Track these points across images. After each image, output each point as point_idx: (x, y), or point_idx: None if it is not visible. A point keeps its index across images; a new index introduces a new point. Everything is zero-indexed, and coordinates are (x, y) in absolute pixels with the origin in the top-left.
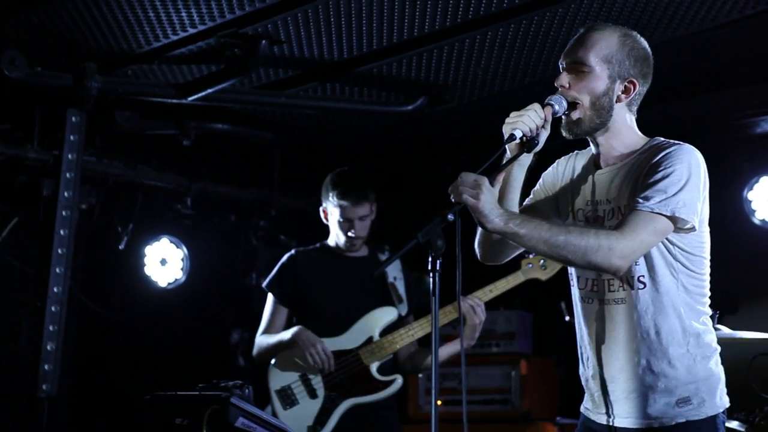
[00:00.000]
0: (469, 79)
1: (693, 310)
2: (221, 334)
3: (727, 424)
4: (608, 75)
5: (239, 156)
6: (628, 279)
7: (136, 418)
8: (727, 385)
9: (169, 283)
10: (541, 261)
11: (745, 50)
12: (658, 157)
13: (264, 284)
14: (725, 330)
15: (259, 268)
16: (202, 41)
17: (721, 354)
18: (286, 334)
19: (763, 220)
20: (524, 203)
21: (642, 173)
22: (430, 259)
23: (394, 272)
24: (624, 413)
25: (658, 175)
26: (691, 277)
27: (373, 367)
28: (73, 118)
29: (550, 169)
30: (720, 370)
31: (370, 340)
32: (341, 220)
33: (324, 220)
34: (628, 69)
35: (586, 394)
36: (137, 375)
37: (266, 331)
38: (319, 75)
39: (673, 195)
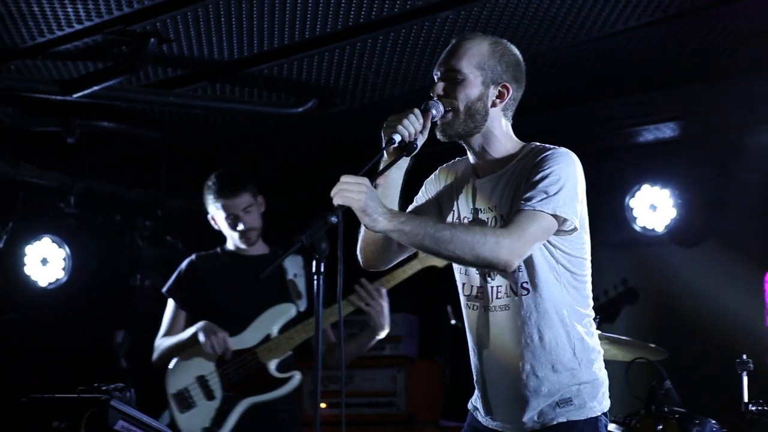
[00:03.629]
0: (359, 82)
1: (577, 313)
2: (104, 335)
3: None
4: (482, 81)
5: (126, 155)
6: (512, 285)
7: (13, 421)
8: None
9: (49, 283)
10: None
11: (630, 61)
12: (537, 161)
13: (164, 289)
14: (604, 334)
15: (143, 269)
16: (88, 38)
17: None
18: (188, 331)
19: (643, 227)
20: (407, 210)
21: (523, 180)
22: (314, 261)
23: (294, 269)
24: (507, 416)
25: (538, 177)
26: (574, 279)
27: (271, 365)
28: None
29: (432, 176)
30: (604, 374)
31: (267, 337)
32: (227, 218)
33: (215, 227)
34: (501, 74)
35: (475, 394)
36: (16, 377)
37: (166, 336)
38: (208, 75)
39: (554, 194)
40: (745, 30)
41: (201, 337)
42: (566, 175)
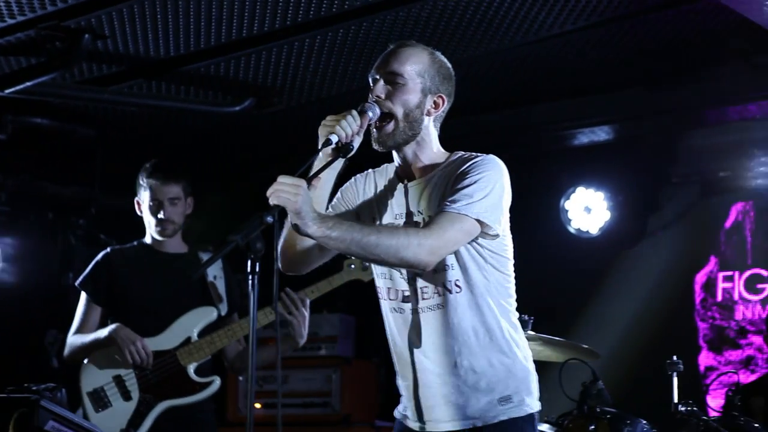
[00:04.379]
0: (297, 82)
1: (506, 310)
2: (35, 334)
3: (540, 427)
4: (421, 89)
5: (59, 152)
6: (444, 284)
7: None
8: (539, 390)
9: None
10: (364, 261)
11: (565, 64)
12: (465, 167)
13: (77, 282)
14: (538, 335)
15: (76, 268)
16: (21, 33)
17: (534, 359)
18: (103, 332)
19: (578, 229)
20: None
21: (450, 183)
22: (249, 261)
23: (215, 271)
24: (444, 417)
25: (465, 182)
26: (501, 278)
27: (191, 368)
28: None
29: (348, 184)
30: (533, 367)
31: (188, 340)
32: (151, 200)
33: (138, 213)
34: (438, 85)
35: (402, 401)
36: None
37: (79, 331)
38: (144, 72)
39: (479, 200)
40: (679, 36)
41: (120, 348)
42: (493, 182)
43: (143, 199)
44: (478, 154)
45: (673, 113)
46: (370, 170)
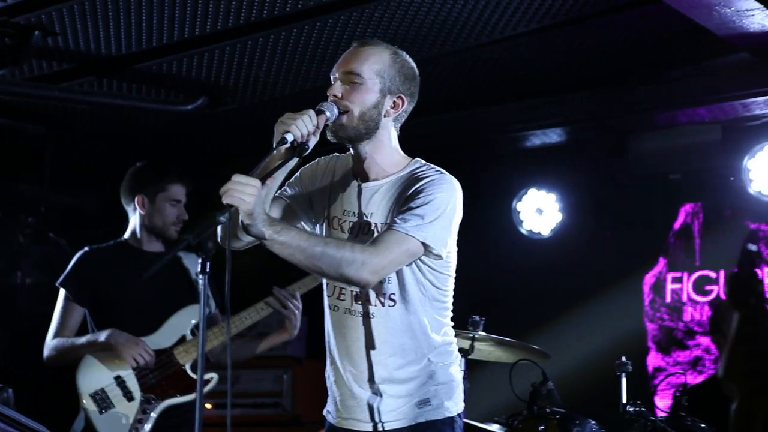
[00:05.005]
0: (250, 81)
1: (438, 323)
2: None
3: (489, 428)
4: (379, 89)
5: (8, 149)
6: (379, 296)
7: None
8: (488, 390)
9: None
10: None
11: (518, 66)
12: (420, 184)
13: (58, 282)
14: (489, 335)
15: (25, 267)
16: None
17: (482, 361)
18: (99, 336)
19: (530, 231)
20: (276, 194)
21: (404, 195)
22: (200, 260)
23: (196, 268)
24: (365, 418)
25: (419, 201)
26: (438, 293)
27: (188, 366)
28: None
29: (308, 166)
30: (459, 377)
31: (183, 338)
32: (174, 202)
33: (140, 210)
34: (398, 85)
35: (329, 398)
36: None
37: (59, 331)
38: (95, 69)
39: (429, 223)
40: (630, 39)
41: (121, 351)
42: (445, 205)
43: (159, 198)
44: (436, 171)
45: (625, 116)
46: (336, 154)
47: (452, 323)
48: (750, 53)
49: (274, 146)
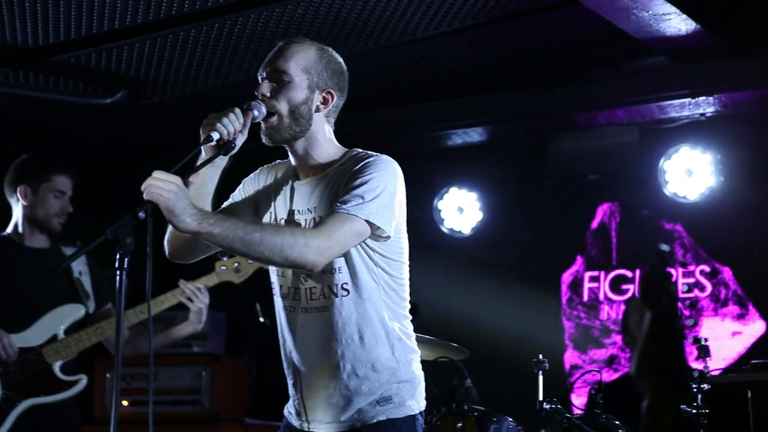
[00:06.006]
0: (171, 75)
1: (395, 314)
2: None
3: None
4: (307, 85)
5: None
6: (331, 287)
7: None
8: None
9: None
10: (235, 264)
11: (440, 65)
12: (358, 167)
13: None
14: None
15: None
16: None
17: None
18: None
19: (451, 229)
20: (222, 206)
21: (343, 182)
22: (118, 256)
23: (79, 266)
24: (326, 418)
25: (357, 182)
26: (392, 281)
27: (56, 366)
28: None
29: (251, 175)
30: (421, 374)
31: (54, 338)
32: (58, 193)
33: (23, 201)
34: (326, 80)
35: (290, 400)
36: None
37: None
38: (11, 61)
39: (370, 201)
40: (551, 41)
41: None
42: (385, 183)
43: (43, 189)
44: (372, 154)
45: (545, 116)
46: (277, 162)
47: (411, 316)
48: (667, 56)
49: (199, 144)
